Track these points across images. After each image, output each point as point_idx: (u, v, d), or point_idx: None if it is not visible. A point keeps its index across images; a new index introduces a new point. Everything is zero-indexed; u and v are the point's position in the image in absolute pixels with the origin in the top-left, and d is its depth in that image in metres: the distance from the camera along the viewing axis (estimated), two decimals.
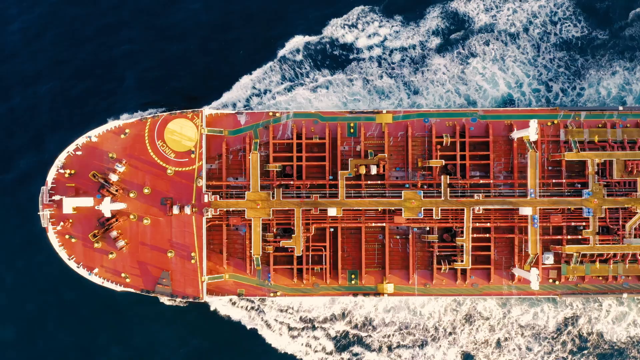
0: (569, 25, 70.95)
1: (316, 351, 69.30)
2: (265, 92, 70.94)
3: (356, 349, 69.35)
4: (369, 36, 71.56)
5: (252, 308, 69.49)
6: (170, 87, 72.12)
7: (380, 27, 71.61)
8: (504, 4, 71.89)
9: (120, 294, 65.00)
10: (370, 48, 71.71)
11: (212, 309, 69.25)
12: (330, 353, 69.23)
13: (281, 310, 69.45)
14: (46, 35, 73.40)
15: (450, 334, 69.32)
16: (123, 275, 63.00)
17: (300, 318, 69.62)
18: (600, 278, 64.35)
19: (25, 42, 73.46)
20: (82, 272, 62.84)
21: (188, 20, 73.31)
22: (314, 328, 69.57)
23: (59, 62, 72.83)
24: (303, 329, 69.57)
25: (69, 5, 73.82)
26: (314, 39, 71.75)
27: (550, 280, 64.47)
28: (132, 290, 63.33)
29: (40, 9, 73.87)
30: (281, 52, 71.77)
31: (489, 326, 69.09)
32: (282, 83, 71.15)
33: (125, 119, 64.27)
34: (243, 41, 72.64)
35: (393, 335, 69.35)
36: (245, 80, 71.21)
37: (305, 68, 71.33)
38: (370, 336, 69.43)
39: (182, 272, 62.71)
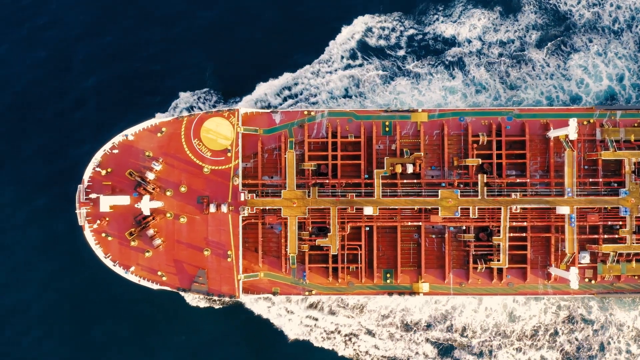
0: None
1: (417, 353, 69.54)
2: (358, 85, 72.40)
3: (457, 353, 69.38)
4: (469, 29, 71.73)
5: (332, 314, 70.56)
6: (247, 72, 73.44)
7: (479, 19, 71.79)
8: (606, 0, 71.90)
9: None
10: (469, 41, 71.85)
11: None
12: (434, 358, 69.45)
13: (382, 316, 70.00)
14: (109, 24, 74.74)
15: (550, 337, 69.20)
16: (159, 273, 63.01)
17: (401, 322, 69.86)
18: (636, 277, 64.18)
19: (91, 30, 74.48)
20: (119, 270, 62.88)
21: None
22: (414, 332, 69.85)
23: (120, 54, 74.07)
24: (403, 333, 69.79)
25: None
26: (411, 31, 72.69)
27: (587, 280, 64.34)
28: (168, 288, 63.41)
29: None
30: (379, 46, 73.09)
31: (592, 330, 68.92)
32: (382, 76, 72.49)
33: (161, 117, 64.26)
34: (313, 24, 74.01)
35: (492, 339, 69.29)
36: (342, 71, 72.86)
37: (408, 62, 72.27)
38: (470, 341, 69.42)
39: (218, 270, 62.69)
